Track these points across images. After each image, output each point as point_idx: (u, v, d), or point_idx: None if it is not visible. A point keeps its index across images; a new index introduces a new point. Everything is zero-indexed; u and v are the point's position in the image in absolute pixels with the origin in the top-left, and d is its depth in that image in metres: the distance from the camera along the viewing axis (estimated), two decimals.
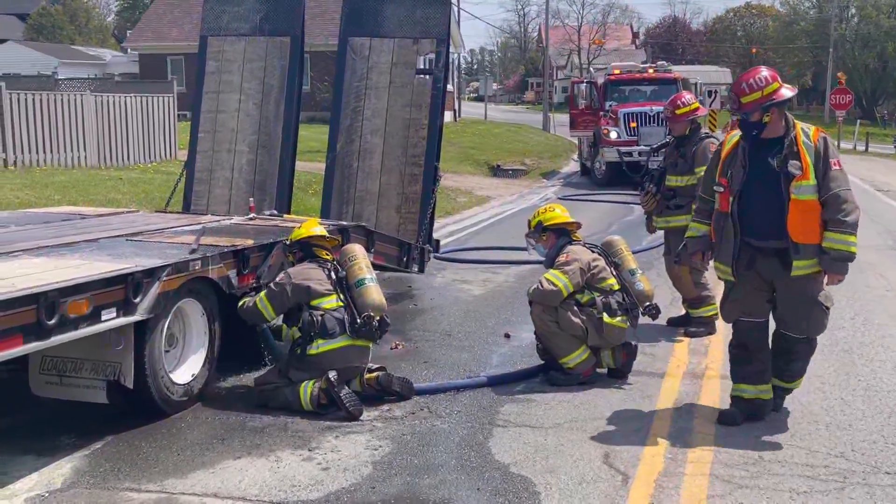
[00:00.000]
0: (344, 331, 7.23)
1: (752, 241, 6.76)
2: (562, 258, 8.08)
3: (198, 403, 7.27)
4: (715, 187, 6.88)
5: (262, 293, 7.29)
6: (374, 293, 7.34)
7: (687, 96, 9.80)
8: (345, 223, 9.67)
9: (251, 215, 9.91)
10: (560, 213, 8.39)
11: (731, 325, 7.09)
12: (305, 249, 7.67)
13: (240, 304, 7.35)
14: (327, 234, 7.72)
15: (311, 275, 7.35)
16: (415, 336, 9.65)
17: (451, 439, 6.57)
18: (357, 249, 7.62)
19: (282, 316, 7.41)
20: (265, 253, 7.94)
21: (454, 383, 7.79)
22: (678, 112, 9.70)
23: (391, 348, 9.00)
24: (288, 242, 7.68)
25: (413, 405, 7.36)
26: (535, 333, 8.19)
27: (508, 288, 12.20)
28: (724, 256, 6.89)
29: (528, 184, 29.00)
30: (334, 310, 7.28)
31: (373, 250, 9.77)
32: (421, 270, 11.45)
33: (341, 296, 7.32)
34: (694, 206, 7.30)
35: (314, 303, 7.28)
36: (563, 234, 8.33)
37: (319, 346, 7.19)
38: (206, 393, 7.43)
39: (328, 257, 7.54)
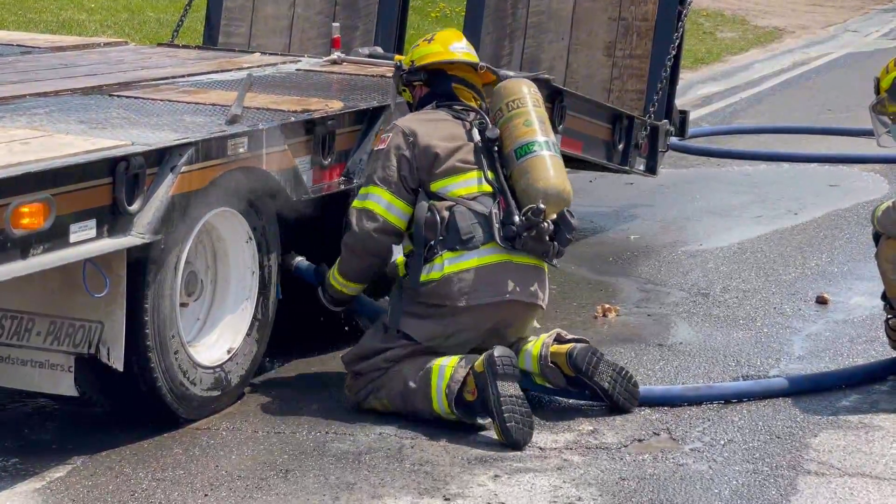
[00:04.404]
0: (490, 236, 6.01)
1: None
2: None
3: (239, 404, 6.13)
4: None
5: (368, 186, 6.12)
6: (551, 168, 6.15)
7: None
8: (509, 73, 7.91)
9: (335, 54, 8.38)
10: None
11: None
12: (437, 84, 6.34)
13: (350, 223, 6.13)
14: (478, 62, 6.51)
15: (439, 130, 6.11)
16: (639, 294, 8.11)
17: (717, 493, 5.26)
18: (523, 89, 6.36)
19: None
20: (364, 128, 6.64)
21: (719, 388, 6.39)
22: None
23: (595, 316, 7.57)
24: (406, 66, 6.47)
25: (639, 424, 6.03)
26: (882, 297, 6.63)
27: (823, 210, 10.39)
28: None
29: (862, 3, 24.12)
30: (473, 198, 6.04)
31: (561, 127, 8.14)
32: (651, 170, 9.49)
33: (488, 174, 6.10)
34: None
35: (437, 185, 6.05)
36: None
37: (446, 265, 5.93)
38: (256, 385, 6.34)
39: (475, 103, 6.30)
